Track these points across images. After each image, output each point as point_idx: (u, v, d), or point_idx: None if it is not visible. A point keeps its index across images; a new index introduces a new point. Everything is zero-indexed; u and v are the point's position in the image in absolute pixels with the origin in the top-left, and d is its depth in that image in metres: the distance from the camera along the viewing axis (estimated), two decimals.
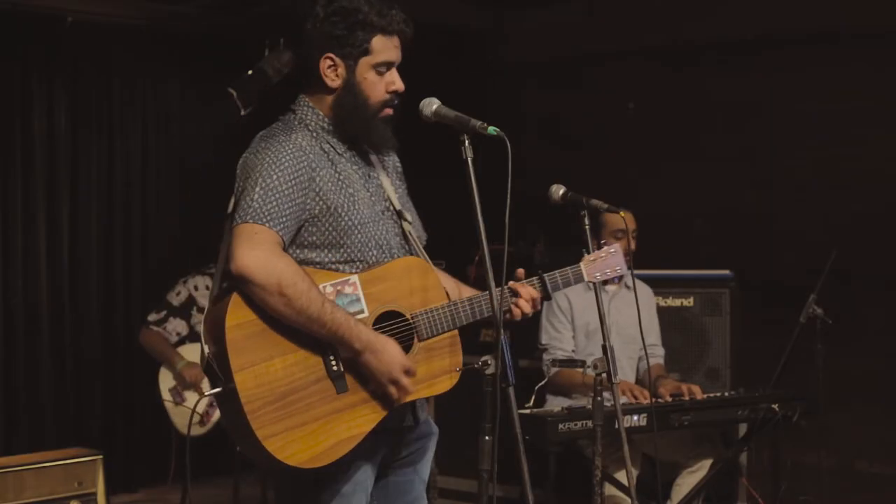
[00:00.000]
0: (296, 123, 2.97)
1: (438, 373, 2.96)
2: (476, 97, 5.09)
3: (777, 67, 6.12)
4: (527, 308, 3.07)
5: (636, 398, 4.66)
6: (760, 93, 6.18)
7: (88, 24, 6.27)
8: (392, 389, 2.85)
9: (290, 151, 2.88)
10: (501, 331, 2.81)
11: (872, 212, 5.79)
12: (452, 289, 3.08)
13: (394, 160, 3.17)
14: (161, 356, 5.51)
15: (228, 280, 2.83)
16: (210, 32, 6.77)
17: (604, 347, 3.67)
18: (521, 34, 7.02)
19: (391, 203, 3.04)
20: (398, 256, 2.99)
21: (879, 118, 5.82)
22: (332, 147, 2.97)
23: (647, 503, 4.65)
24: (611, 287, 5.02)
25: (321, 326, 2.78)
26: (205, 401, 5.35)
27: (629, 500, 4.01)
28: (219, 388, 2.78)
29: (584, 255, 3.36)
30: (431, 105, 2.96)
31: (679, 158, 6.45)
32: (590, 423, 3.90)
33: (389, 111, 3.00)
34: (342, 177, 2.94)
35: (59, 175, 6.42)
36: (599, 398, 3.77)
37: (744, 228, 6.19)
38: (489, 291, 2.85)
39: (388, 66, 2.97)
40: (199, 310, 5.62)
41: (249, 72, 6.42)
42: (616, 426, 3.82)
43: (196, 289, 5.67)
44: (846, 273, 5.32)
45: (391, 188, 3.07)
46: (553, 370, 4.84)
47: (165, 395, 5.34)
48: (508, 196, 2.80)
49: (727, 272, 5.62)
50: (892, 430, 5.65)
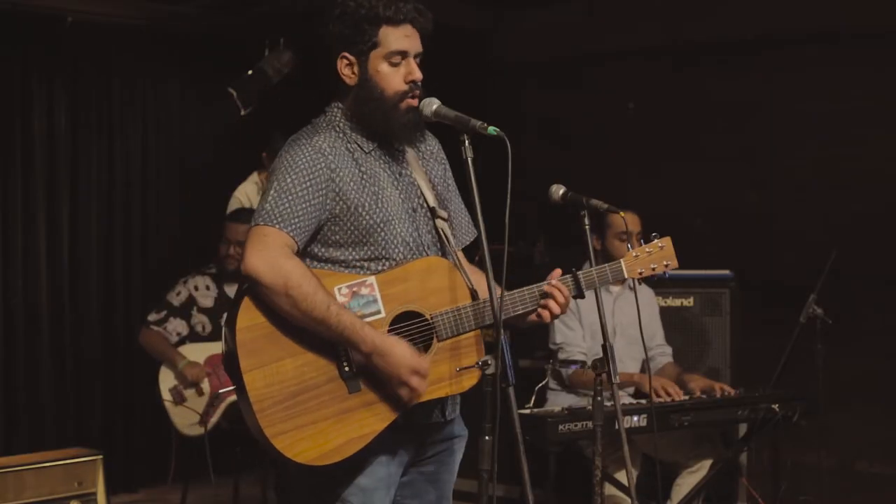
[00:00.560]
0: (323, 125, 2.99)
1: (460, 372, 2.95)
2: (476, 97, 5.10)
3: (777, 67, 6.12)
4: (556, 310, 3.03)
5: (669, 395, 4.66)
6: (760, 93, 6.18)
7: (88, 24, 6.27)
8: (403, 391, 2.85)
9: (308, 154, 2.89)
10: (501, 331, 2.81)
11: (872, 212, 5.79)
12: (482, 287, 2.97)
13: (432, 148, 3.13)
14: (162, 356, 5.51)
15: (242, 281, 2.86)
16: (210, 32, 6.77)
17: (604, 347, 3.67)
18: (521, 34, 7.02)
19: (424, 201, 3.04)
20: (429, 255, 3.00)
21: (879, 118, 5.82)
22: (359, 146, 2.97)
23: (647, 503, 4.65)
24: (615, 288, 5.02)
25: (327, 328, 2.80)
26: (204, 401, 5.35)
27: (629, 500, 4.01)
28: (233, 387, 2.83)
29: (628, 252, 3.31)
30: (431, 105, 2.96)
31: (679, 158, 6.44)
32: (590, 424, 3.90)
33: (412, 102, 2.96)
34: (366, 175, 2.94)
35: (59, 175, 6.42)
36: (599, 398, 3.77)
37: (744, 228, 6.18)
38: (489, 292, 2.85)
39: (402, 56, 2.95)
40: (200, 310, 5.62)
41: (249, 72, 6.43)
42: (616, 426, 3.81)
43: (196, 289, 5.66)
44: (846, 273, 5.33)
45: (427, 185, 3.06)
46: (570, 370, 4.83)
47: (166, 395, 5.34)
48: (508, 196, 2.80)
49: (727, 272, 5.62)
50: (892, 430, 5.65)
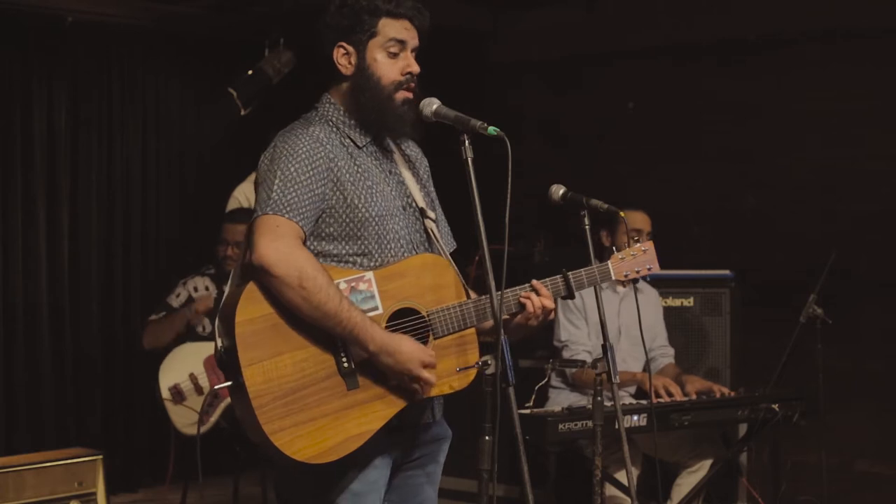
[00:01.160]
0: (316, 119, 2.99)
1: (454, 371, 2.95)
2: (475, 97, 5.10)
3: (777, 67, 6.12)
4: (538, 303, 2.99)
5: (671, 394, 4.66)
6: (760, 93, 6.17)
7: (88, 24, 6.28)
8: (415, 386, 2.85)
9: (307, 142, 2.88)
10: (501, 331, 2.81)
11: (872, 212, 5.78)
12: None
13: (425, 163, 3.17)
14: (172, 327, 5.45)
15: (248, 273, 2.81)
16: (210, 32, 6.77)
17: (604, 347, 3.68)
18: (521, 34, 7.02)
19: (413, 200, 3.04)
20: (417, 252, 2.99)
21: (879, 118, 5.81)
22: (353, 141, 2.97)
23: (647, 503, 4.65)
24: (621, 288, 5.02)
25: (337, 324, 2.78)
26: (203, 399, 5.33)
27: (629, 500, 4.01)
28: (229, 383, 2.79)
29: (614, 253, 3.33)
30: (431, 105, 2.96)
31: (679, 158, 6.44)
32: (590, 423, 3.90)
33: (407, 94, 2.97)
34: (361, 170, 2.94)
35: (59, 175, 6.42)
36: (599, 398, 3.77)
37: (743, 228, 6.18)
38: (489, 292, 2.86)
39: (400, 46, 2.96)
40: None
41: (249, 72, 6.44)
42: (616, 426, 3.82)
43: (195, 290, 5.66)
44: (846, 273, 5.33)
45: (415, 186, 3.06)
46: (574, 369, 4.83)
47: (165, 394, 5.32)
48: (508, 196, 2.80)
49: (727, 272, 5.63)
50: (892, 430, 5.65)
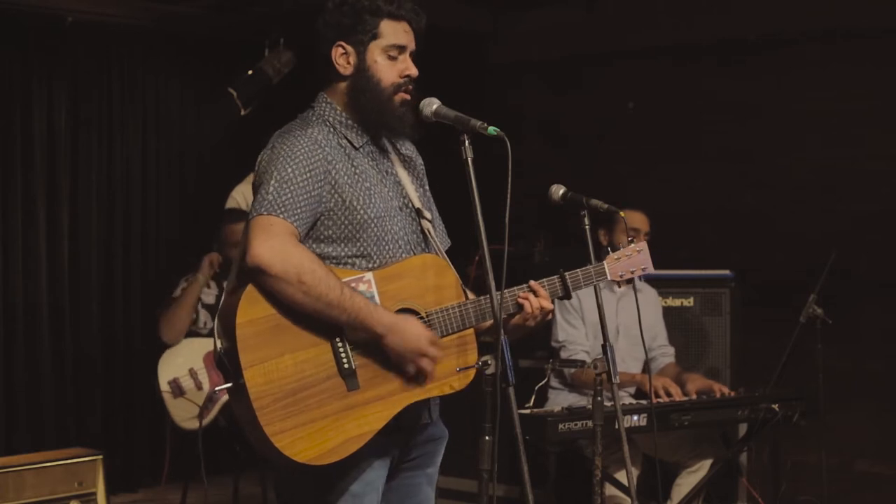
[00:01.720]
0: (313, 119, 2.98)
1: (453, 371, 2.95)
2: (475, 97, 5.10)
3: (777, 67, 6.12)
4: (536, 304, 3.01)
5: (670, 395, 4.67)
6: (760, 93, 6.17)
7: (88, 24, 6.28)
8: (424, 362, 2.85)
9: (306, 144, 2.88)
10: (501, 331, 2.81)
11: (872, 212, 5.78)
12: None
13: (420, 162, 3.17)
14: (185, 304, 5.38)
15: (243, 275, 2.80)
16: (210, 32, 6.77)
17: (604, 347, 3.68)
18: (521, 34, 7.02)
19: (410, 200, 3.04)
20: (415, 253, 2.99)
21: (879, 118, 5.81)
22: (350, 142, 2.97)
23: (647, 503, 4.65)
24: (619, 288, 5.01)
25: (342, 312, 2.77)
26: (204, 394, 5.32)
27: (629, 500, 4.01)
28: (229, 384, 2.79)
29: (609, 253, 3.33)
30: (431, 105, 2.96)
31: (679, 158, 6.44)
32: (590, 423, 3.90)
33: (405, 96, 2.97)
34: (358, 171, 2.94)
35: (59, 175, 6.42)
36: (599, 398, 3.77)
37: (744, 228, 6.18)
38: (490, 292, 2.86)
39: (400, 50, 2.96)
40: (203, 306, 5.58)
41: (249, 72, 6.44)
42: (616, 426, 3.82)
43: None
44: (846, 273, 5.33)
45: (411, 186, 3.07)
46: (572, 369, 4.84)
47: (164, 387, 5.29)
48: (508, 196, 2.80)
49: (727, 272, 5.63)
50: (892, 430, 5.65)
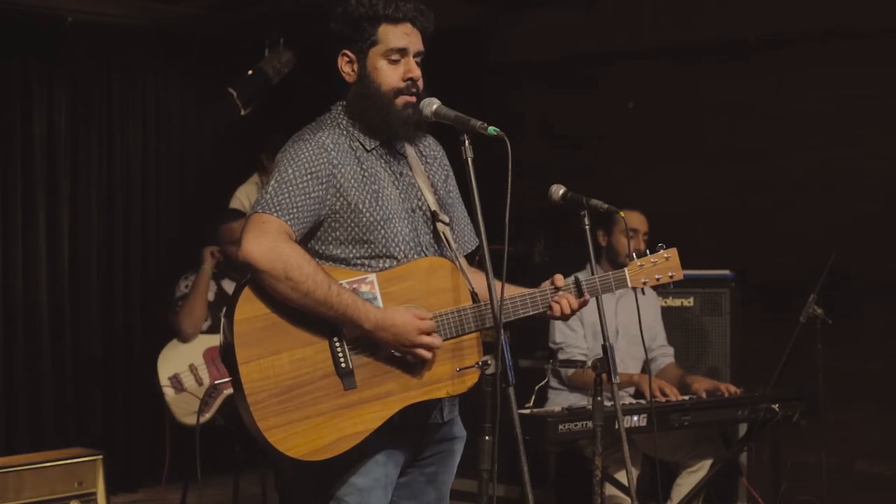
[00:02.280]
0: (327, 122, 3.02)
1: (458, 373, 2.95)
2: (475, 97, 5.09)
3: (777, 67, 6.12)
4: (567, 308, 3.07)
5: (666, 395, 4.67)
6: (760, 93, 6.17)
7: (88, 24, 6.27)
8: (420, 352, 2.86)
9: (310, 148, 2.92)
10: (501, 331, 2.81)
11: (872, 212, 5.78)
12: (482, 287, 2.96)
13: (436, 153, 3.16)
14: (199, 293, 5.35)
15: (241, 272, 2.87)
16: (210, 32, 6.77)
17: (604, 347, 3.67)
18: (520, 34, 7.02)
19: (425, 203, 3.05)
20: (427, 255, 3.00)
21: (879, 118, 5.81)
22: (361, 144, 2.99)
23: (647, 503, 4.65)
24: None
25: (329, 308, 2.81)
26: (203, 390, 5.30)
27: (629, 500, 4.01)
28: (228, 379, 2.84)
29: (633, 260, 3.32)
30: (431, 105, 2.96)
31: (679, 158, 6.44)
32: (590, 423, 3.89)
33: (409, 98, 2.97)
34: (367, 173, 2.96)
35: (59, 175, 6.42)
36: (599, 398, 3.77)
37: (744, 228, 6.18)
38: (489, 291, 2.85)
39: (401, 53, 2.97)
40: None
41: (249, 72, 6.44)
42: (616, 426, 3.82)
43: None
44: (846, 273, 5.33)
45: (427, 187, 3.07)
46: (570, 371, 4.84)
47: (164, 383, 5.28)
48: (509, 196, 2.80)
49: (727, 272, 5.63)
50: (892, 430, 5.65)
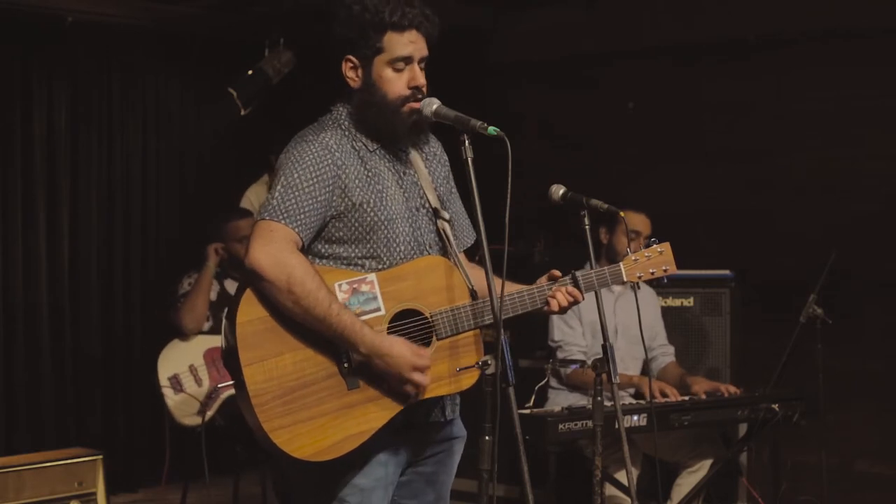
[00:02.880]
0: (329, 122, 3.01)
1: (460, 372, 2.95)
2: (475, 97, 5.09)
3: (776, 67, 6.12)
4: (564, 301, 3.07)
5: (666, 396, 4.67)
6: (760, 92, 6.17)
7: (88, 24, 6.27)
8: (408, 388, 2.86)
9: (315, 150, 2.91)
10: (501, 331, 2.81)
11: (872, 212, 5.78)
12: (482, 286, 2.98)
13: (435, 150, 3.16)
14: (201, 288, 5.34)
15: (243, 276, 2.87)
16: (210, 32, 6.77)
17: (604, 347, 3.67)
18: (520, 34, 7.02)
19: (427, 201, 3.05)
20: (429, 253, 3.01)
21: (879, 118, 5.81)
22: (364, 144, 2.99)
23: (647, 503, 4.65)
24: (617, 287, 5.01)
25: (327, 328, 2.81)
26: (204, 391, 5.30)
27: (629, 500, 4.01)
28: (231, 381, 2.83)
29: (627, 254, 3.34)
30: (431, 105, 2.96)
31: (679, 158, 6.44)
32: (590, 423, 3.90)
33: (414, 105, 2.97)
34: (371, 173, 2.96)
35: (59, 175, 6.42)
36: (599, 398, 3.77)
37: (744, 228, 6.18)
38: (489, 291, 2.85)
39: (406, 62, 2.97)
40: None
41: (249, 72, 6.44)
42: (616, 426, 3.82)
43: None
44: (846, 273, 5.33)
45: (429, 185, 3.08)
46: (568, 369, 4.84)
47: (164, 383, 5.27)
48: (508, 196, 2.80)
49: (727, 272, 5.63)
50: (892, 430, 5.65)
